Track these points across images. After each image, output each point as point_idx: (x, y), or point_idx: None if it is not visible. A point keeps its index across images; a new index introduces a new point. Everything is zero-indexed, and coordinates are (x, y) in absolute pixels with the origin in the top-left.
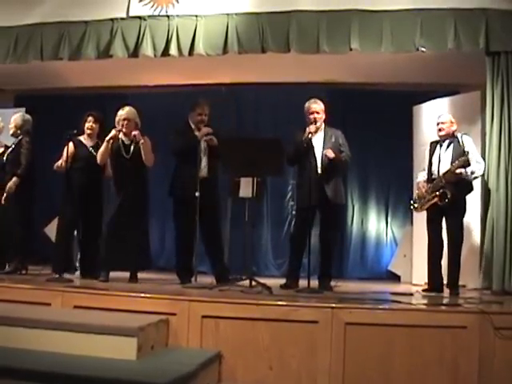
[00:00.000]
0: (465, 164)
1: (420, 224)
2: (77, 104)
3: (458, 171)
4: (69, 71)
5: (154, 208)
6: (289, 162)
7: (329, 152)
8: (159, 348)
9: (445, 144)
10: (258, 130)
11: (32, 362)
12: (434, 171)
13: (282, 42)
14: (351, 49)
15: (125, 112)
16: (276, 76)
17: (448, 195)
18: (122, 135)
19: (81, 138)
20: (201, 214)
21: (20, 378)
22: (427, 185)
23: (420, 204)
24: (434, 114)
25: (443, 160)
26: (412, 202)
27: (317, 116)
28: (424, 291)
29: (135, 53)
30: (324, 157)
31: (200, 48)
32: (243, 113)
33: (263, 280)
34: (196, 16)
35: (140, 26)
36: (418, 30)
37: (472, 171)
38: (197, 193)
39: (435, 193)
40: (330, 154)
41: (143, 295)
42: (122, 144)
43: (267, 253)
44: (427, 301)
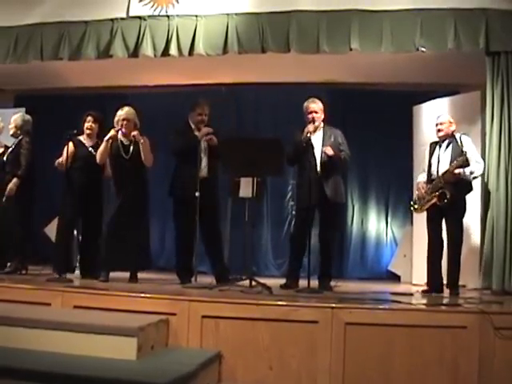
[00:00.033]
0: (463, 164)
1: (420, 224)
2: (77, 104)
3: (457, 171)
4: (69, 71)
5: (154, 208)
6: (288, 162)
7: (328, 149)
8: (159, 348)
9: (444, 144)
10: (258, 130)
11: (32, 362)
12: (434, 172)
13: (282, 42)
14: (351, 49)
15: (124, 112)
16: (276, 76)
17: (447, 195)
18: (121, 136)
19: (80, 138)
20: (201, 214)
21: (20, 378)
22: (427, 185)
23: (420, 205)
24: (434, 114)
25: (442, 160)
26: (412, 203)
27: (315, 115)
28: (424, 292)
29: (135, 53)
30: (323, 154)
31: (200, 48)
32: (243, 113)
33: (263, 280)
34: (196, 16)
35: (140, 26)
36: (418, 30)
37: (471, 171)
38: (197, 193)
39: (434, 193)
40: (329, 152)
41: (143, 295)
42: (121, 144)
43: (267, 253)
44: (427, 301)
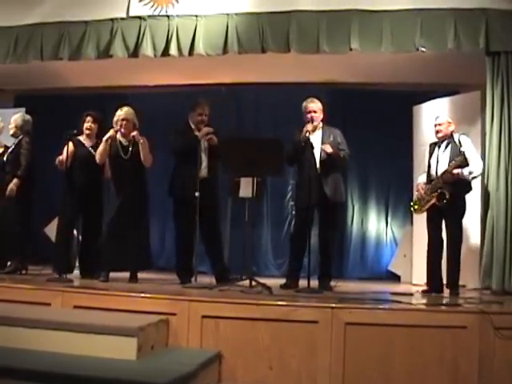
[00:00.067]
0: (462, 164)
1: (420, 224)
2: (77, 104)
3: (455, 171)
4: (69, 71)
5: (154, 208)
6: (288, 162)
7: (327, 147)
8: (159, 348)
9: (443, 145)
10: (258, 130)
11: (32, 362)
12: (433, 172)
13: (282, 42)
14: (351, 49)
15: (123, 112)
16: (276, 76)
17: (446, 195)
18: (120, 136)
19: (80, 138)
20: (201, 214)
21: (20, 378)
22: (426, 186)
23: (419, 205)
24: (434, 114)
25: (441, 161)
26: (412, 204)
27: (314, 115)
28: (424, 292)
29: (135, 53)
30: (322, 152)
31: (200, 48)
32: (243, 113)
33: (263, 280)
34: (196, 16)
35: (140, 26)
36: (418, 30)
37: (470, 171)
38: (196, 193)
39: (433, 193)
40: (328, 149)
41: (143, 295)
42: (120, 145)
43: (267, 253)
44: (427, 301)
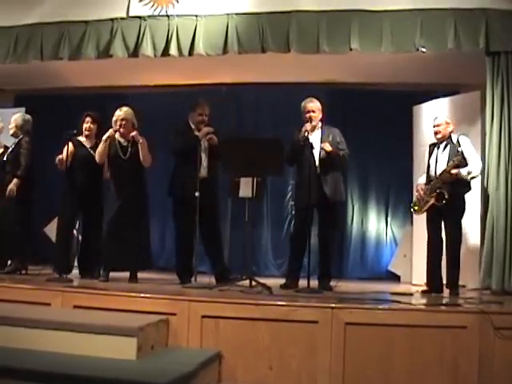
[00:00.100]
0: (460, 164)
1: (420, 224)
2: (77, 104)
3: (454, 171)
4: (69, 71)
5: (154, 208)
6: (287, 162)
7: (326, 145)
8: (159, 348)
9: (442, 146)
10: (258, 130)
11: (32, 362)
12: (432, 173)
13: (282, 42)
14: (351, 49)
15: (123, 112)
16: (276, 76)
17: (445, 195)
18: (119, 136)
19: (80, 139)
20: (200, 214)
21: (20, 378)
22: (425, 187)
23: (419, 206)
24: (434, 114)
25: (440, 161)
26: (412, 205)
27: (312, 114)
28: (424, 292)
29: (135, 53)
30: (321, 150)
31: (200, 48)
32: (243, 113)
33: (263, 280)
34: (196, 16)
35: (140, 26)
36: (418, 30)
37: (468, 171)
38: (196, 193)
39: (432, 194)
40: (328, 147)
41: (143, 295)
42: (119, 145)
43: (267, 253)
44: (427, 301)
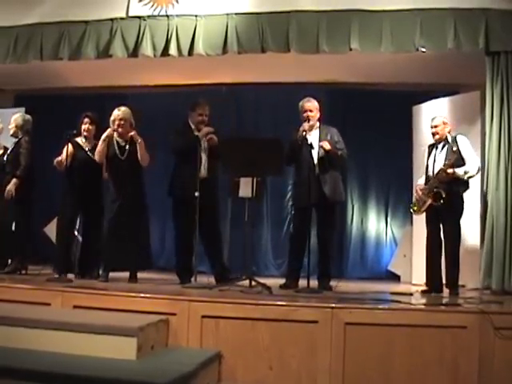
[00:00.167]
0: (455, 163)
1: (420, 224)
2: (77, 104)
3: (450, 171)
4: (69, 71)
5: (154, 208)
6: (285, 161)
7: (325, 144)
8: (159, 348)
9: (440, 146)
10: (258, 130)
11: (32, 362)
12: (430, 173)
13: (282, 42)
14: (351, 49)
15: (121, 112)
16: (276, 76)
17: (442, 195)
18: (117, 136)
19: (78, 141)
20: (200, 214)
21: (20, 378)
22: (424, 187)
23: (418, 207)
24: (434, 114)
25: (438, 162)
26: (411, 205)
27: (310, 114)
28: (423, 292)
29: (135, 53)
30: (320, 149)
31: (200, 48)
32: (243, 113)
33: (263, 280)
34: (196, 16)
35: (140, 26)
36: (418, 30)
37: (465, 171)
38: (196, 193)
39: (430, 193)
40: (326, 146)
41: (143, 295)
42: (117, 145)
43: (267, 253)
44: (427, 301)
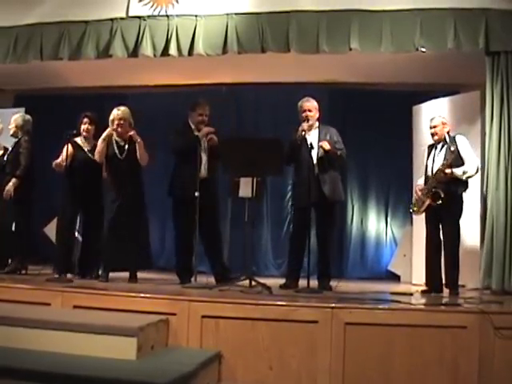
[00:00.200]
0: (453, 163)
1: (420, 224)
2: (77, 104)
3: (448, 171)
4: (69, 71)
5: (154, 208)
6: (285, 161)
7: (325, 144)
8: (159, 348)
9: (439, 146)
10: (258, 130)
11: (32, 362)
12: (430, 174)
13: (282, 42)
14: (351, 49)
15: (121, 112)
16: (276, 76)
17: (441, 195)
18: (116, 136)
19: (78, 141)
20: (200, 215)
21: (20, 378)
22: (423, 187)
23: (417, 207)
24: (434, 114)
25: (437, 162)
26: (411, 206)
27: (309, 114)
28: (423, 292)
29: (135, 53)
30: (320, 149)
31: (200, 48)
32: (243, 113)
33: (263, 280)
34: (196, 16)
35: (139, 26)
36: (418, 30)
37: (464, 171)
38: (196, 193)
39: (428, 194)
40: (326, 146)
41: (143, 295)
42: (116, 145)
43: (267, 253)
44: (427, 301)
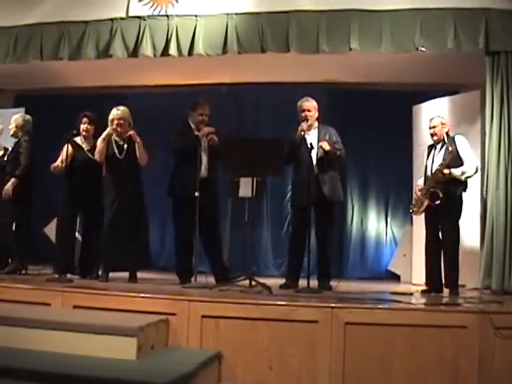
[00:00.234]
0: (451, 163)
1: (420, 224)
2: (77, 104)
3: (446, 171)
4: (69, 71)
5: (154, 208)
6: (284, 161)
7: (324, 144)
8: (159, 348)
9: (438, 146)
10: (258, 130)
11: (32, 362)
12: (429, 174)
13: (282, 42)
14: (351, 49)
15: (121, 111)
16: (276, 76)
17: (439, 195)
18: (116, 135)
19: (78, 140)
20: (200, 215)
21: (20, 378)
22: (423, 187)
23: (417, 207)
24: (434, 114)
25: (436, 162)
26: (411, 206)
27: (308, 114)
28: (423, 292)
29: (135, 53)
30: (319, 149)
31: (199, 48)
32: (243, 113)
33: (263, 280)
34: (195, 16)
35: (139, 26)
36: (418, 30)
37: (462, 171)
38: (196, 193)
39: (427, 194)
40: (326, 146)
41: (143, 295)
42: (116, 145)
43: (267, 253)
44: (427, 301)
